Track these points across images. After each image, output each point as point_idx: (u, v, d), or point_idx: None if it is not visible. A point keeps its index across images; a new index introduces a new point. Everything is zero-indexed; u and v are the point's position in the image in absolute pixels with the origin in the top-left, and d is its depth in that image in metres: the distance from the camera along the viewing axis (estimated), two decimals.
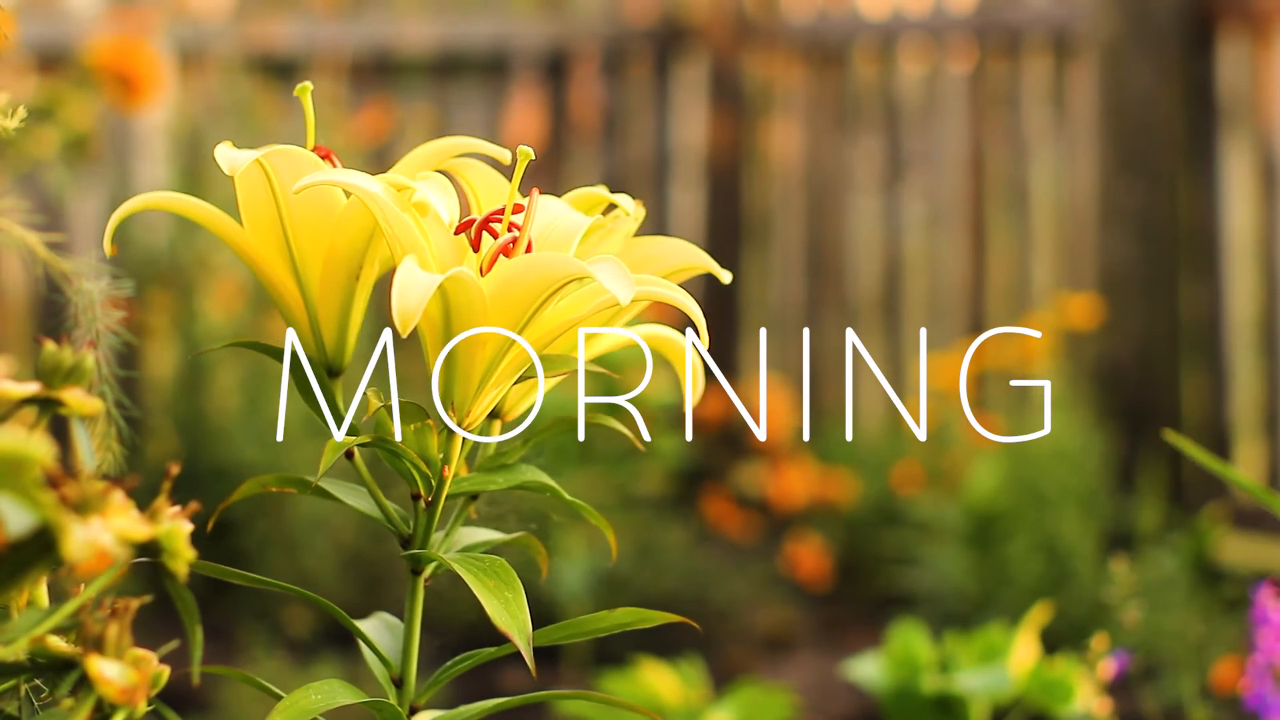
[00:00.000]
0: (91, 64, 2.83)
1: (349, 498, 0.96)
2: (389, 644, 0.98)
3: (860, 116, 4.22)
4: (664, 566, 3.24)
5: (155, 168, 3.76)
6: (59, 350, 0.81)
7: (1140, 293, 3.55)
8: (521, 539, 1.01)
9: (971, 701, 1.73)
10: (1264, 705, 1.31)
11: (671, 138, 4.44)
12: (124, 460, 0.94)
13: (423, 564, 0.95)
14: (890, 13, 4.16)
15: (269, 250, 0.96)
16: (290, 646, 2.96)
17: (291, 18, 4.03)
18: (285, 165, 0.93)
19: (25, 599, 0.80)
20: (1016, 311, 3.95)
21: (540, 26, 4.33)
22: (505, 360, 0.90)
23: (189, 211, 0.96)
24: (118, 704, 0.75)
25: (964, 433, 3.66)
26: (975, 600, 3.09)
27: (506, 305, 0.88)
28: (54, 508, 0.69)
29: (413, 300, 0.84)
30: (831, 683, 2.93)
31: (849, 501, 3.75)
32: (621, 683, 1.86)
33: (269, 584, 0.95)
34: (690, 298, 0.89)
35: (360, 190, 0.88)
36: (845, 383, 4.25)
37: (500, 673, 2.83)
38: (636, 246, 0.98)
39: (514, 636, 0.87)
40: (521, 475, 0.97)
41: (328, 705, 0.91)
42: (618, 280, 0.85)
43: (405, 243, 0.88)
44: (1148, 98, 3.54)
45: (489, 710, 0.95)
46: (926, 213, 4.14)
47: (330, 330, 0.97)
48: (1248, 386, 3.61)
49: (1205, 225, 3.56)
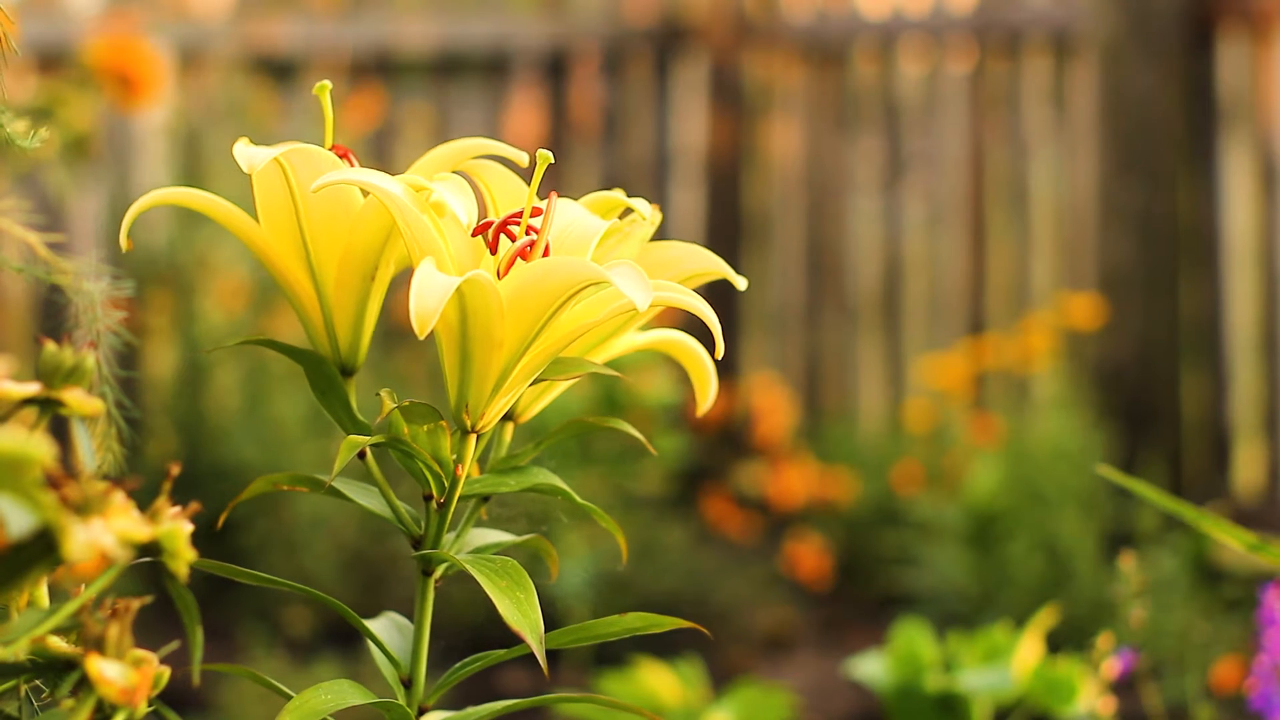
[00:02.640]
0: (91, 64, 2.83)
1: (360, 497, 0.96)
2: (397, 644, 0.98)
3: (860, 116, 4.22)
4: (664, 566, 3.24)
5: (155, 168, 3.76)
6: (59, 350, 0.81)
7: (1140, 293, 3.55)
8: (532, 541, 1.01)
9: (974, 701, 1.73)
10: (1270, 705, 1.31)
11: (671, 138, 4.43)
12: (124, 460, 0.93)
13: (434, 565, 0.95)
14: (890, 13, 4.16)
15: (285, 248, 0.95)
16: (290, 646, 2.96)
17: (291, 18, 4.03)
18: (303, 164, 0.93)
19: (26, 599, 0.80)
20: (1016, 311, 3.95)
21: (540, 26, 4.33)
22: (521, 363, 0.90)
23: (206, 208, 0.95)
24: (118, 704, 0.74)
25: (964, 432, 3.66)
26: (975, 600, 3.09)
27: (523, 309, 0.88)
28: (55, 508, 0.69)
29: (431, 302, 0.83)
30: (831, 683, 2.93)
31: (849, 501, 3.75)
32: (621, 683, 1.86)
33: (276, 583, 0.95)
34: (706, 305, 0.89)
35: (379, 190, 0.88)
36: (845, 383, 4.25)
37: (499, 673, 2.83)
38: (652, 251, 0.98)
39: (526, 636, 0.87)
40: (533, 477, 0.97)
41: (338, 705, 0.91)
42: (635, 286, 0.85)
43: (423, 244, 0.88)
44: (1148, 98, 3.54)
45: (498, 712, 0.95)
46: (926, 213, 4.14)
47: (345, 330, 0.97)
48: (1248, 386, 3.61)
49: (1205, 225, 3.56)
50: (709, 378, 1.02)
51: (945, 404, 3.86)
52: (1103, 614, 2.82)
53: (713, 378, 1.02)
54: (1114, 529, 3.17)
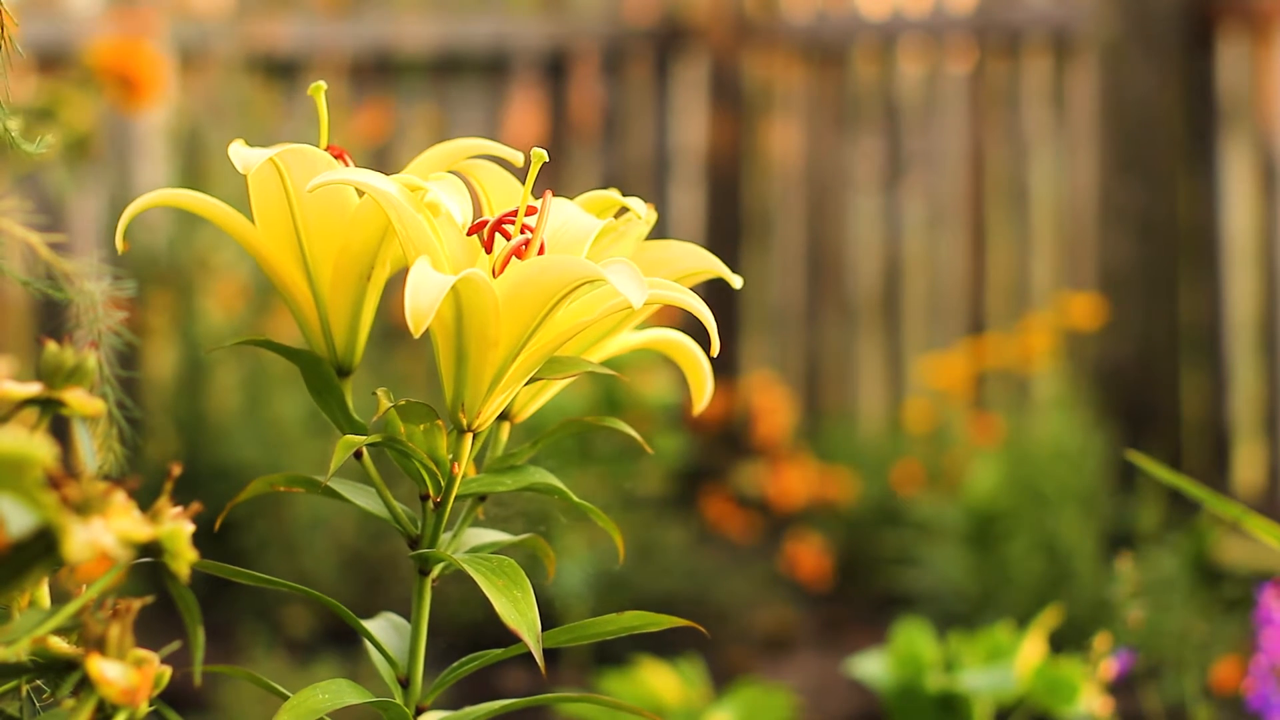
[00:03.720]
0: (92, 64, 2.83)
1: (357, 497, 0.96)
2: (395, 644, 0.98)
3: (860, 116, 4.22)
4: (664, 566, 3.24)
5: (155, 168, 3.76)
6: (61, 351, 0.81)
7: (1140, 293, 3.55)
8: (529, 541, 1.01)
9: (975, 701, 1.73)
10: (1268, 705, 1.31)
11: (671, 138, 4.43)
12: (125, 461, 0.93)
13: (431, 564, 0.95)
14: (890, 13, 4.16)
15: (281, 249, 0.96)
16: (290, 646, 2.96)
17: (292, 17, 4.03)
18: (298, 164, 0.93)
19: (27, 600, 0.80)
20: (1016, 311, 3.95)
21: (540, 26, 4.33)
22: (516, 362, 0.90)
23: (201, 209, 0.96)
24: (119, 705, 0.75)
25: (964, 432, 3.66)
26: (975, 600, 3.09)
27: (519, 307, 0.88)
28: (56, 509, 0.69)
29: (425, 301, 0.83)
30: (832, 683, 2.93)
31: (849, 501, 3.75)
32: (621, 683, 1.86)
33: (276, 584, 0.95)
34: (702, 303, 0.89)
35: (374, 190, 0.88)
36: (845, 383, 4.25)
37: (499, 673, 2.83)
38: (647, 250, 0.98)
39: (524, 635, 0.87)
40: (530, 477, 0.97)
41: (335, 705, 0.91)
42: (631, 284, 0.85)
43: (418, 243, 0.88)
44: (1148, 98, 3.54)
45: (496, 711, 0.95)
46: (926, 213, 4.14)
47: (341, 330, 0.97)
48: (1248, 386, 3.61)
49: (1205, 225, 3.56)
50: (705, 376, 1.02)
51: (945, 404, 3.86)
52: (1103, 614, 2.82)
53: (709, 376, 1.02)
54: (1114, 529, 3.18)
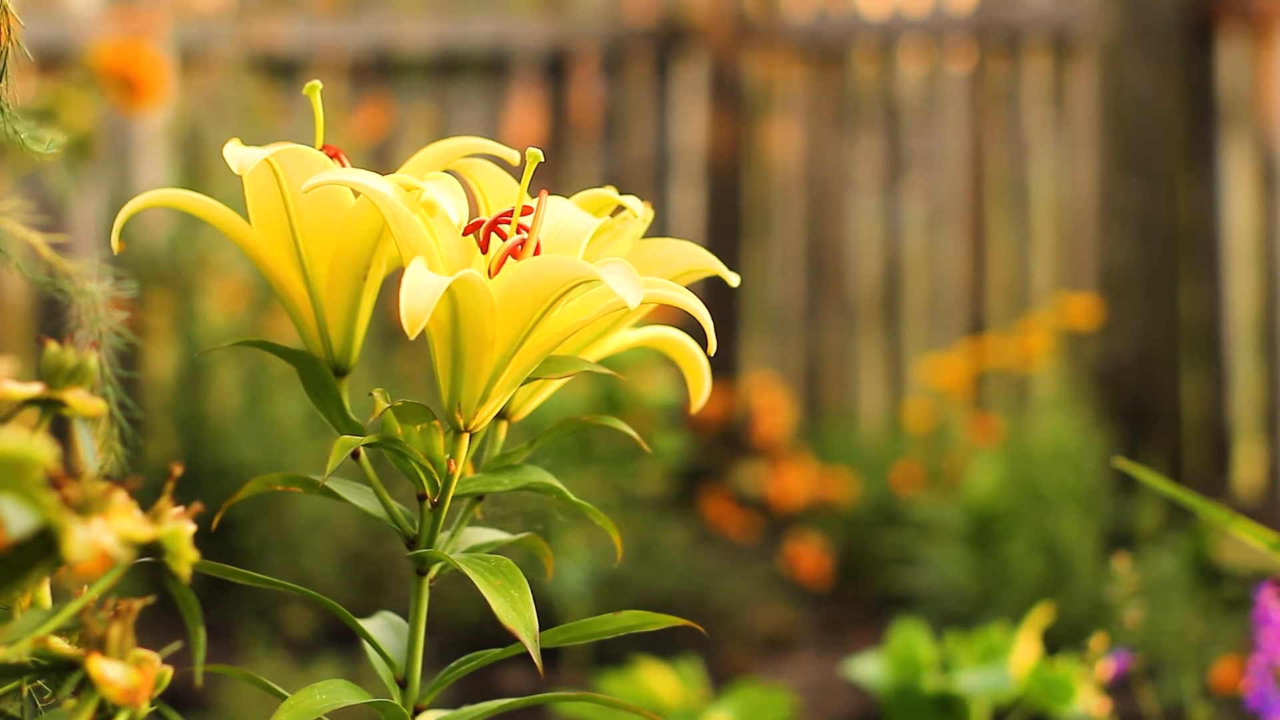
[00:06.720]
0: (93, 64, 2.83)
1: (354, 498, 0.96)
2: (393, 644, 0.98)
3: (860, 116, 4.22)
4: (664, 566, 3.24)
5: (156, 168, 3.76)
6: (62, 351, 0.81)
7: (1140, 293, 3.55)
8: (527, 540, 1.01)
9: (972, 701, 1.73)
10: (1266, 705, 1.31)
11: (671, 138, 4.44)
12: (126, 461, 0.94)
13: (428, 564, 0.95)
14: (890, 13, 4.16)
15: (277, 249, 0.96)
16: (290, 646, 2.96)
17: (292, 17, 4.03)
18: (294, 164, 0.93)
19: (28, 600, 0.80)
20: (1016, 311, 3.95)
21: (540, 26, 4.33)
22: (513, 362, 0.90)
23: (197, 209, 0.96)
24: (120, 705, 0.75)
25: (964, 432, 3.66)
26: (975, 600, 3.09)
27: (515, 307, 0.88)
28: (56, 509, 0.69)
29: (421, 302, 0.84)
30: (831, 683, 2.93)
31: (849, 501, 3.75)
32: (621, 683, 1.86)
33: (274, 584, 0.95)
34: (699, 301, 0.89)
35: (369, 190, 0.88)
36: (845, 382, 4.25)
37: (498, 673, 2.83)
38: (644, 249, 0.98)
39: (521, 634, 0.87)
40: (527, 476, 0.97)
41: (333, 705, 0.91)
42: (626, 283, 0.85)
43: (414, 243, 0.88)
44: (1148, 98, 3.54)
45: (494, 711, 0.95)
46: (926, 212, 4.14)
47: (337, 330, 0.97)
48: (1248, 386, 3.61)
49: (1205, 225, 3.57)
50: (703, 374, 1.02)
51: (945, 404, 3.86)
52: (1102, 614, 2.82)
53: (706, 374, 1.02)
54: (1114, 529, 3.18)
